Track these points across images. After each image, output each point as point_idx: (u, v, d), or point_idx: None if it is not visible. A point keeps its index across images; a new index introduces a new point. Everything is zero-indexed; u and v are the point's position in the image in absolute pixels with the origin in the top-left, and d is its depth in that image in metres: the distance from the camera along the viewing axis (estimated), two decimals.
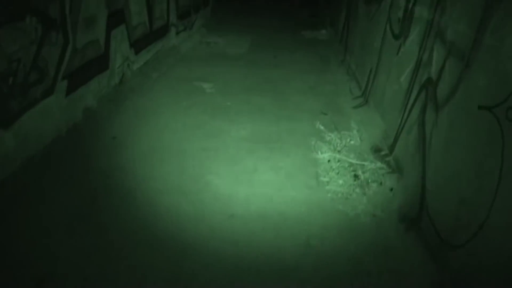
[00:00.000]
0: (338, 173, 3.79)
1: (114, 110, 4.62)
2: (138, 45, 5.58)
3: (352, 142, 4.39)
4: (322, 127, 4.65)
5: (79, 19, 3.90)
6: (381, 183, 3.61)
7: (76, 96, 4.02)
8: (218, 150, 4.04)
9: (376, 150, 4.13)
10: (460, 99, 2.63)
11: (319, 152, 4.07)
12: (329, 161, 3.95)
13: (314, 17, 12.52)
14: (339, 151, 4.15)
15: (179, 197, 3.25)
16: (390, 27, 4.52)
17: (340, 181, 3.66)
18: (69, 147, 3.75)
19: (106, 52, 4.59)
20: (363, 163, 3.90)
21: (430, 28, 3.29)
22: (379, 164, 3.83)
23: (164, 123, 4.51)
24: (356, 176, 3.72)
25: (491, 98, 2.22)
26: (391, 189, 3.46)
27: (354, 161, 3.92)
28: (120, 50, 4.98)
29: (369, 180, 3.65)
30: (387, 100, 4.31)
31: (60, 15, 3.55)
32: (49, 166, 3.42)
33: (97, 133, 4.13)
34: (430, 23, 3.31)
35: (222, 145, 4.14)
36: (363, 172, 3.78)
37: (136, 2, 5.31)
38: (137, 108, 4.81)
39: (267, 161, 3.92)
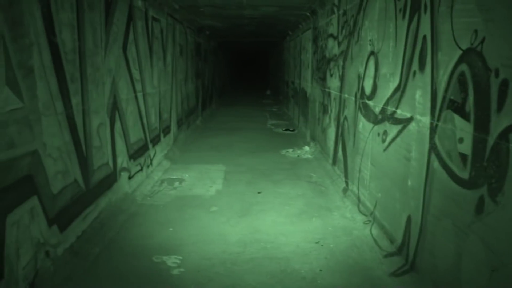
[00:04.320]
0: None
1: None
2: (65, 217, 3.80)
3: None
4: None
5: None
6: None
7: None
8: None
9: None
10: None
11: None
12: None
13: (291, 130, 11.37)
14: None
15: None
16: (443, 164, 2.98)
17: None
18: None
19: None
20: None
21: None
22: None
23: None
24: None
25: None
26: None
27: None
28: (29, 238, 3.17)
29: None
30: (471, 280, 2.59)
31: None
32: None
33: None
34: None
35: None
36: None
37: (58, 158, 3.65)
38: None
39: None
